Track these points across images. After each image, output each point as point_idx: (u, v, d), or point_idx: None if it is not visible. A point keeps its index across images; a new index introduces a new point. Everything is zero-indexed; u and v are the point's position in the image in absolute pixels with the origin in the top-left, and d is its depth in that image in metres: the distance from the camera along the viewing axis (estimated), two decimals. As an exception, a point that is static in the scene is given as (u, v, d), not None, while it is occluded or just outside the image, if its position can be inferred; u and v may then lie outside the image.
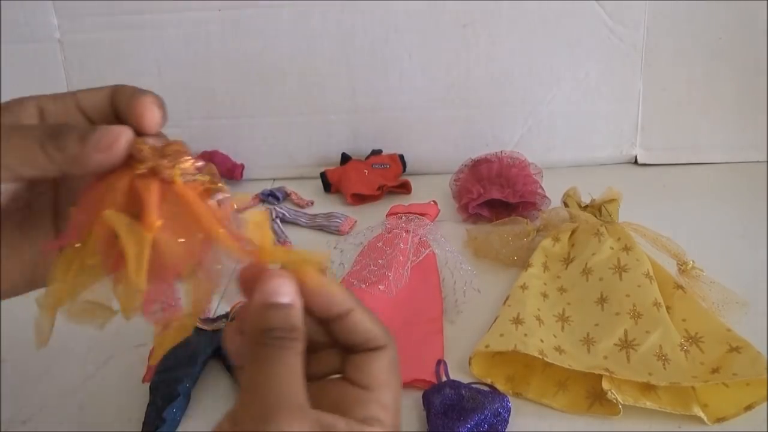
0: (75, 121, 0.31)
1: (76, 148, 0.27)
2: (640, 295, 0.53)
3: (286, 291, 0.28)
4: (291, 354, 0.27)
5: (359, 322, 0.29)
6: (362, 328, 0.29)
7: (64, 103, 0.32)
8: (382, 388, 0.29)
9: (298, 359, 0.27)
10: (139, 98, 0.30)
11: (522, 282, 0.57)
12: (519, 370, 0.50)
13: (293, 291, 0.28)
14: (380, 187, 0.79)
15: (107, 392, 0.51)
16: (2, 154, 0.27)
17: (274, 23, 0.79)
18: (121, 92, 0.31)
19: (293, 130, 0.84)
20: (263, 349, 0.27)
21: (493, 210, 0.72)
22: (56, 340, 0.47)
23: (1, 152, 0.27)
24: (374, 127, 0.84)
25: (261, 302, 0.27)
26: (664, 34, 0.79)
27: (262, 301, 0.27)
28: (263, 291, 0.27)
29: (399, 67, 0.81)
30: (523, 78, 0.81)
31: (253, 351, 0.27)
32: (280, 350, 0.27)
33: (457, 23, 0.79)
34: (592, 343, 0.51)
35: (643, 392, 0.47)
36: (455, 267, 0.62)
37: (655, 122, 0.83)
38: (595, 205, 0.64)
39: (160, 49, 0.81)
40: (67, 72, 0.82)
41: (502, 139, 0.83)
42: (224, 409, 0.48)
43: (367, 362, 0.29)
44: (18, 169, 0.28)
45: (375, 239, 0.66)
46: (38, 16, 0.79)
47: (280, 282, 0.28)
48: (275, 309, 0.27)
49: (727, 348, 0.48)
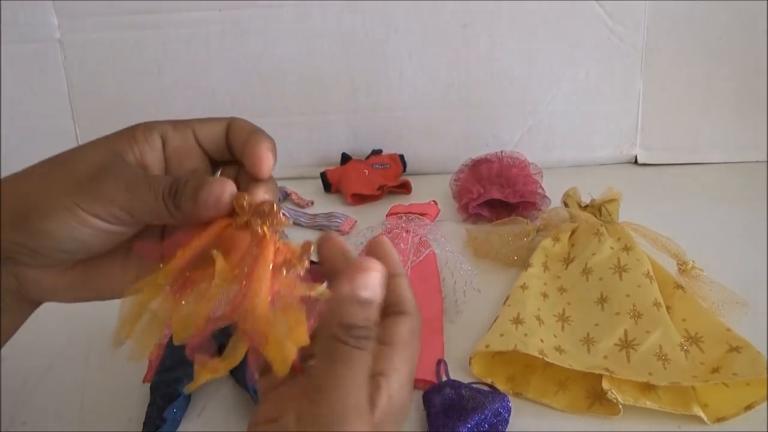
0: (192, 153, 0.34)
1: (190, 206, 0.30)
2: (640, 295, 0.53)
3: (374, 285, 0.29)
4: (367, 355, 0.28)
5: (401, 287, 0.31)
6: (400, 291, 0.31)
7: (184, 134, 0.34)
8: (404, 346, 0.30)
9: (371, 360, 0.28)
10: (256, 144, 0.32)
11: (522, 282, 0.57)
12: (519, 370, 0.50)
13: (380, 284, 0.29)
14: (380, 187, 0.79)
15: (108, 392, 0.51)
16: (129, 204, 0.31)
17: (274, 23, 0.79)
18: (238, 128, 0.34)
19: (293, 130, 0.85)
20: (342, 347, 0.27)
21: (493, 210, 0.72)
22: (57, 340, 0.47)
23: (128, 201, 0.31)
24: (374, 127, 0.84)
25: (348, 295, 0.28)
26: (664, 34, 0.79)
27: (349, 294, 0.28)
28: (353, 283, 0.28)
29: (399, 67, 0.81)
30: (523, 78, 0.81)
31: (330, 347, 0.28)
32: (359, 351, 0.27)
33: (457, 23, 0.79)
34: (592, 343, 0.51)
35: (643, 392, 0.47)
36: (455, 267, 0.62)
37: (655, 122, 0.83)
38: (595, 205, 0.64)
39: (160, 49, 0.81)
40: (67, 72, 0.82)
41: (502, 139, 0.83)
42: (225, 409, 0.49)
43: (393, 323, 0.30)
44: (142, 217, 0.31)
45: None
46: (38, 16, 0.79)
47: (371, 276, 0.29)
48: (361, 305, 0.28)
49: (727, 348, 0.48)
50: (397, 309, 0.31)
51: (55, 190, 0.31)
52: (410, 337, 0.31)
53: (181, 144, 0.34)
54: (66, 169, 0.31)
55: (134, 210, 0.31)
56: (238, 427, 0.47)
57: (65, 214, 0.30)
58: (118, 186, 0.30)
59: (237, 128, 0.34)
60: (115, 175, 0.31)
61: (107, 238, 0.32)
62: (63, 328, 0.57)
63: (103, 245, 0.32)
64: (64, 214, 0.30)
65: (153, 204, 0.31)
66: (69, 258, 0.33)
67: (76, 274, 0.34)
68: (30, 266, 0.32)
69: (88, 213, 0.30)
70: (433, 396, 0.46)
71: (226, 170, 0.35)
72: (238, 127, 0.34)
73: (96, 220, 0.31)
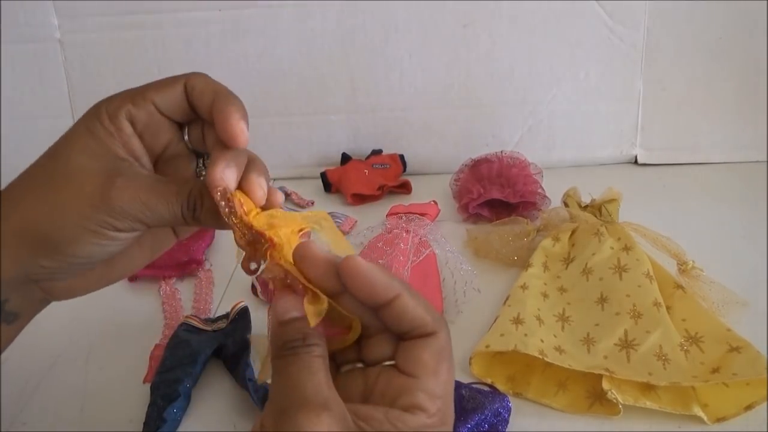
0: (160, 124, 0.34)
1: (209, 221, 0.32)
2: (640, 295, 0.53)
3: (292, 306, 0.29)
4: (307, 357, 0.28)
5: (406, 309, 0.28)
6: (410, 315, 0.29)
7: (146, 110, 0.33)
8: (429, 376, 0.28)
9: (317, 360, 0.28)
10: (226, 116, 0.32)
11: (522, 282, 0.57)
12: (519, 370, 0.50)
13: (299, 305, 0.29)
14: (380, 187, 0.79)
15: (108, 393, 0.51)
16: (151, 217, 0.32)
17: (274, 23, 0.79)
18: (199, 90, 0.33)
19: (293, 130, 0.85)
20: (280, 360, 0.28)
21: (493, 210, 0.72)
22: (57, 341, 0.47)
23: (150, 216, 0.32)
24: (374, 127, 0.84)
25: (274, 323, 0.29)
26: (664, 34, 0.79)
27: (274, 321, 0.29)
28: (274, 313, 0.29)
29: (399, 67, 0.81)
30: (523, 78, 0.81)
31: (275, 367, 0.28)
32: (294, 356, 0.28)
33: (457, 23, 0.79)
34: (592, 343, 0.51)
35: (643, 392, 0.47)
36: (455, 267, 0.62)
37: (655, 122, 0.83)
38: (595, 205, 0.64)
39: (160, 49, 0.81)
40: (67, 72, 0.82)
41: (502, 139, 0.83)
42: (225, 409, 0.49)
43: (415, 349, 0.29)
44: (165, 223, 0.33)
45: (375, 239, 0.66)
46: (38, 16, 0.79)
47: (285, 300, 0.29)
48: (285, 325, 0.29)
49: (727, 348, 0.48)
50: (414, 333, 0.29)
51: (74, 215, 0.31)
52: (437, 362, 0.28)
53: (147, 119, 0.33)
54: (73, 188, 0.32)
55: (153, 221, 0.32)
56: (238, 427, 0.47)
57: (92, 236, 0.32)
58: (134, 202, 0.32)
59: (197, 90, 0.33)
60: (127, 189, 0.32)
61: (129, 240, 0.34)
62: (63, 328, 0.57)
63: (126, 246, 0.34)
64: (91, 236, 0.32)
65: (172, 217, 0.33)
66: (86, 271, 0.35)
67: (101, 268, 0.35)
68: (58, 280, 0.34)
69: (113, 230, 0.32)
70: (434, 396, 0.46)
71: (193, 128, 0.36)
72: (198, 89, 0.33)
73: (120, 234, 0.32)
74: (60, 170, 0.32)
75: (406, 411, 0.27)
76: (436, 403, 0.28)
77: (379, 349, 0.30)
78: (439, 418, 0.28)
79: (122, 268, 0.37)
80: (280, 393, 0.27)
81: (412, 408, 0.27)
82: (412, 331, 0.29)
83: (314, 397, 0.26)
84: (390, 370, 0.29)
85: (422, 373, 0.28)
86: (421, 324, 0.29)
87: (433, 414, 0.27)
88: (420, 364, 0.28)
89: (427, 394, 0.28)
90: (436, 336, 0.29)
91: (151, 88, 0.33)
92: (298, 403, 0.26)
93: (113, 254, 0.34)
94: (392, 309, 0.29)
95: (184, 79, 0.33)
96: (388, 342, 0.30)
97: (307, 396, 0.26)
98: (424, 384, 0.28)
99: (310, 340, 0.28)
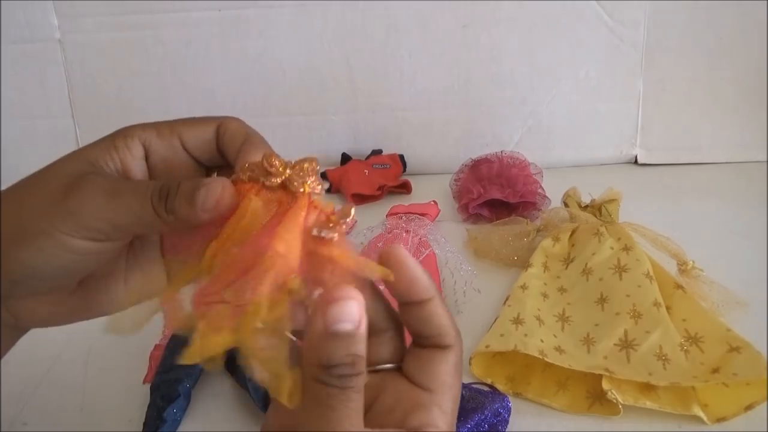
0: (180, 160, 0.31)
1: (185, 209, 0.27)
2: (640, 295, 0.53)
3: (351, 315, 0.24)
4: (354, 394, 0.25)
5: (436, 314, 0.27)
6: (437, 321, 0.27)
7: (170, 142, 0.31)
8: (444, 392, 0.27)
9: (361, 397, 0.25)
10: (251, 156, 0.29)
11: (522, 282, 0.57)
12: (519, 370, 0.50)
13: (359, 313, 0.25)
14: (380, 187, 0.79)
15: (108, 393, 0.51)
16: (112, 214, 0.27)
17: (274, 23, 0.79)
18: (231, 133, 0.31)
19: (293, 130, 0.85)
20: (324, 389, 0.24)
21: (493, 210, 0.72)
22: (57, 341, 0.47)
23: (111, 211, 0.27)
24: (374, 127, 0.84)
25: (321, 331, 0.24)
26: (664, 34, 0.79)
27: (323, 329, 0.24)
28: (326, 317, 0.24)
29: (399, 67, 0.81)
30: (523, 78, 0.81)
31: (311, 389, 0.24)
32: (343, 392, 0.24)
33: (457, 23, 0.79)
34: (592, 343, 0.51)
35: (643, 392, 0.47)
36: (455, 267, 0.62)
37: (655, 122, 0.83)
38: (595, 205, 0.64)
39: (160, 49, 0.81)
40: (67, 72, 0.82)
41: (502, 139, 0.83)
42: (225, 409, 0.49)
43: (434, 361, 0.27)
44: (128, 228, 0.28)
45: (375, 239, 0.66)
46: (38, 16, 0.79)
47: (344, 305, 0.24)
48: (338, 340, 0.24)
49: (727, 348, 0.48)
50: (436, 341, 0.27)
51: (29, 214, 0.27)
52: (453, 376, 0.27)
53: (167, 153, 0.31)
54: (40, 187, 0.28)
55: (118, 220, 0.27)
56: (238, 427, 0.47)
57: (42, 240, 0.27)
58: (96, 197, 0.27)
59: (229, 133, 0.31)
60: (91, 185, 0.28)
61: (92, 259, 0.29)
62: (63, 329, 0.57)
63: (89, 267, 0.29)
64: (40, 240, 0.27)
65: (140, 211, 0.27)
66: (53, 285, 0.30)
67: (76, 298, 0.31)
68: (18, 298, 0.30)
69: (67, 234, 0.27)
70: (433, 396, 0.46)
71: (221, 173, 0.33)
72: (230, 132, 0.31)
73: (77, 241, 0.27)
74: (39, 173, 0.29)
75: (420, 429, 0.26)
76: (446, 419, 0.27)
77: (381, 350, 0.29)
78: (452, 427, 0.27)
79: (102, 302, 0.32)
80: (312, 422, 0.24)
81: (427, 426, 0.26)
82: (434, 338, 0.28)
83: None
84: (397, 378, 0.28)
85: (439, 388, 0.27)
86: (445, 333, 0.28)
87: (448, 421, 0.27)
88: (438, 378, 0.27)
89: (441, 410, 0.27)
90: (455, 350, 0.28)
91: (182, 123, 0.31)
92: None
93: (71, 275, 0.29)
94: (423, 310, 0.27)
95: (219, 121, 0.31)
96: (390, 342, 0.29)
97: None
98: (439, 399, 0.27)
99: (360, 366, 0.24)
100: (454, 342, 0.28)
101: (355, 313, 0.24)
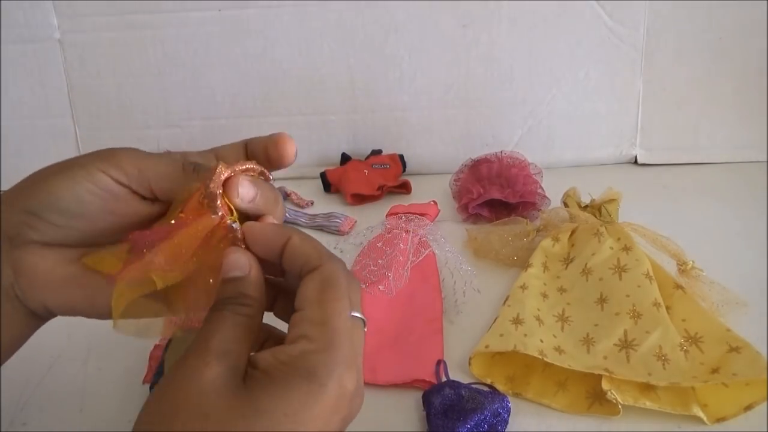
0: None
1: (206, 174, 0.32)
2: (640, 295, 0.53)
3: (239, 265, 0.31)
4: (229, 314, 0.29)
5: (295, 248, 0.31)
6: (298, 252, 0.31)
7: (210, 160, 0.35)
8: (312, 305, 0.29)
9: (238, 318, 0.29)
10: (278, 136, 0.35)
11: (522, 282, 0.57)
12: (519, 370, 0.50)
13: (245, 263, 0.31)
14: (380, 187, 0.79)
15: (108, 393, 0.51)
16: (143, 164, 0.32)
17: (274, 23, 0.79)
18: (255, 141, 0.36)
19: (293, 130, 0.84)
20: (210, 312, 0.30)
21: (493, 210, 0.72)
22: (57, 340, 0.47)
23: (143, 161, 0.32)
24: (374, 127, 0.84)
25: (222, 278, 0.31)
26: (664, 34, 0.79)
27: (222, 276, 0.31)
28: (223, 269, 0.31)
29: (399, 67, 0.81)
30: (523, 78, 0.81)
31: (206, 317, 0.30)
32: (220, 311, 0.30)
33: (457, 23, 0.79)
34: (592, 343, 0.51)
35: (642, 392, 0.47)
36: (455, 267, 0.62)
37: (655, 122, 0.83)
38: (595, 205, 0.64)
39: (160, 49, 0.81)
40: (67, 72, 0.82)
41: (502, 139, 0.83)
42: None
43: (302, 286, 0.30)
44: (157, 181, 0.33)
45: (375, 239, 0.66)
46: (38, 16, 0.79)
47: (233, 258, 0.31)
48: (228, 282, 0.31)
49: (727, 348, 0.48)
50: (304, 271, 0.30)
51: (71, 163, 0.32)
52: (320, 291, 0.29)
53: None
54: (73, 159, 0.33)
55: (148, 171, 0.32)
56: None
57: (76, 170, 0.31)
58: (137, 152, 0.33)
59: (254, 141, 0.35)
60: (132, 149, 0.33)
61: (109, 204, 0.32)
62: (63, 328, 0.57)
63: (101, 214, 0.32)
64: (75, 170, 0.31)
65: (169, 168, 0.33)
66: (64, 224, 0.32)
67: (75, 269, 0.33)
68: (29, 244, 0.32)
69: (100, 170, 0.31)
70: (433, 396, 0.46)
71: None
72: (254, 140, 0.35)
73: (106, 178, 0.31)
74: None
75: (291, 343, 0.28)
76: (319, 329, 0.28)
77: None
78: (324, 343, 0.28)
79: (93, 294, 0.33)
80: (194, 340, 0.29)
81: (297, 338, 0.28)
82: (303, 269, 0.30)
83: (215, 346, 0.28)
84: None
85: (306, 305, 0.29)
86: (307, 260, 0.30)
87: (315, 339, 0.28)
88: (303, 296, 0.30)
89: (310, 322, 0.29)
90: (320, 268, 0.30)
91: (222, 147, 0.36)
92: (196, 349, 0.28)
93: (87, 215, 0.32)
94: (285, 253, 0.31)
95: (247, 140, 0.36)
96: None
97: (208, 345, 0.28)
98: (307, 313, 0.29)
99: (244, 300, 0.30)
100: (318, 262, 0.30)
101: (242, 263, 0.31)
